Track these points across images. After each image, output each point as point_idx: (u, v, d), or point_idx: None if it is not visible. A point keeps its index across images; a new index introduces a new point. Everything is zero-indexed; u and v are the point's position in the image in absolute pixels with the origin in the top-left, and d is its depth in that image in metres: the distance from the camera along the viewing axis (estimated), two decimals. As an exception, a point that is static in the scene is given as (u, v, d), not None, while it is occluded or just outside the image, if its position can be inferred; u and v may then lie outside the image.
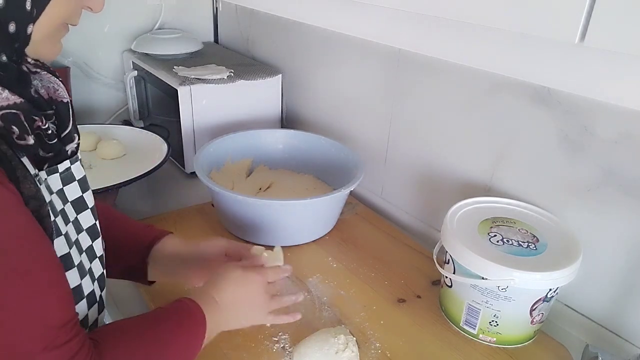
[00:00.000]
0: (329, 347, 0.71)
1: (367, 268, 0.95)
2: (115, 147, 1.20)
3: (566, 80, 0.76)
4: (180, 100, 1.21)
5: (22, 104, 0.49)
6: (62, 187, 0.57)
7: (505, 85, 0.86)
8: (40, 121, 0.51)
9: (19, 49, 0.50)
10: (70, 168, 0.58)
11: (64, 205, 0.57)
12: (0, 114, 0.47)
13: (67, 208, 0.58)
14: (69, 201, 0.58)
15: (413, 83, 1.04)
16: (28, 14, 0.48)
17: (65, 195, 0.58)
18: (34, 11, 0.48)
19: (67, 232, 0.55)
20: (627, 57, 0.65)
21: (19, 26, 0.48)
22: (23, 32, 0.49)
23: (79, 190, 0.60)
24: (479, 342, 0.79)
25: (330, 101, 1.29)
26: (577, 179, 0.80)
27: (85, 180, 0.61)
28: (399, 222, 1.15)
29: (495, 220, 0.82)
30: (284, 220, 0.98)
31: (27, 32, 0.49)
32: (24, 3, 0.47)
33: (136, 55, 1.46)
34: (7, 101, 0.48)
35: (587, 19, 0.50)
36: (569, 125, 0.79)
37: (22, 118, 0.49)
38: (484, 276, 0.73)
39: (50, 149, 0.53)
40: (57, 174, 0.56)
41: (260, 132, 1.22)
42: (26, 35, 0.49)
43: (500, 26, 0.58)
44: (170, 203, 1.16)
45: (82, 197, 0.60)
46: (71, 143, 0.57)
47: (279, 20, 1.39)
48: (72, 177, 0.59)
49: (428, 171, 1.06)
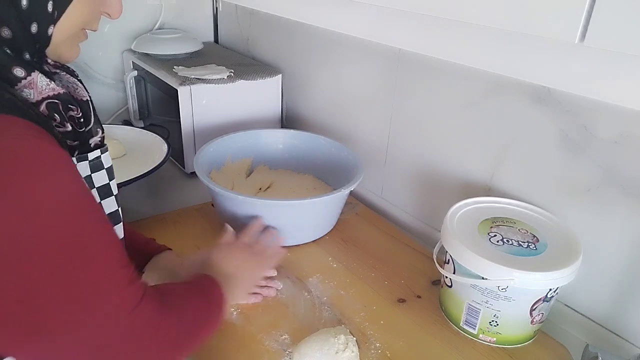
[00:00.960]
0: (329, 347, 0.71)
1: (367, 268, 0.95)
2: (116, 147, 1.20)
3: (566, 80, 0.76)
4: (180, 100, 1.21)
5: (64, 95, 0.54)
6: (90, 174, 0.61)
7: (505, 85, 0.86)
8: (75, 110, 0.56)
9: (40, 49, 0.54)
10: (100, 157, 0.62)
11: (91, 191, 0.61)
12: (46, 103, 0.52)
13: (94, 192, 0.62)
14: (95, 187, 0.62)
15: (413, 83, 1.04)
16: (49, 15, 0.51)
17: (93, 182, 0.62)
18: (55, 13, 0.52)
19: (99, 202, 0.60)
20: (627, 57, 0.65)
21: (40, 27, 0.51)
22: (44, 33, 0.52)
23: (106, 177, 0.64)
24: (479, 342, 0.79)
25: (330, 101, 1.29)
26: (577, 179, 0.80)
27: (112, 170, 0.65)
28: (399, 222, 1.15)
29: (495, 220, 0.82)
30: (284, 220, 0.98)
31: (48, 33, 0.52)
32: (46, 4, 0.50)
33: (136, 55, 1.46)
34: (53, 91, 0.53)
35: (587, 19, 0.50)
36: (569, 125, 0.79)
37: (61, 107, 0.53)
38: (484, 276, 0.73)
39: (77, 138, 0.58)
40: (86, 162, 0.60)
41: (260, 132, 1.22)
42: (47, 37, 0.52)
43: (501, 26, 0.58)
44: (170, 203, 1.16)
45: (108, 184, 0.64)
46: (95, 137, 0.61)
47: (279, 20, 1.39)
48: (101, 165, 0.63)
49: (428, 171, 1.06)
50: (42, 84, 0.52)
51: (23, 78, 0.50)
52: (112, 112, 1.61)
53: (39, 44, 0.53)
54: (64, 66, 0.62)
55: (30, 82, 0.51)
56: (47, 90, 0.52)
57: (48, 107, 0.52)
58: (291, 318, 0.82)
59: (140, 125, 1.47)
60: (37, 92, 0.51)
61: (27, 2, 0.49)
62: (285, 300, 0.86)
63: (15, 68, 0.50)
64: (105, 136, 0.64)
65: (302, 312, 0.83)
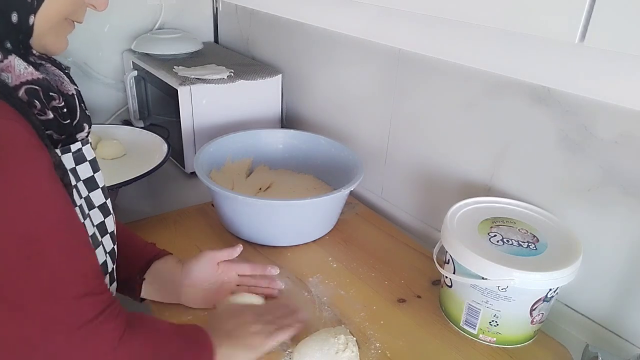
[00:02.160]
0: (329, 347, 0.71)
1: (367, 268, 0.95)
2: (115, 147, 1.20)
3: (566, 80, 0.76)
4: (180, 100, 1.21)
5: (43, 80, 0.53)
6: (75, 167, 0.60)
7: (505, 85, 0.86)
8: (57, 100, 0.54)
9: (23, 40, 0.53)
10: (81, 149, 0.61)
11: (77, 183, 0.60)
12: (25, 88, 0.51)
13: (80, 185, 0.61)
14: (80, 179, 0.61)
15: (413, 83, 1.04)
16: (29, 5, 0.51)
17: (78, 174, 0.61)
18: (35, 2, 0.51)
19: (81, 205, 0.59)
20: (627, 57, 0.65)
21: (20, 16, 0.50)
22: (25, 22, 0.51)
23: (90, 170, 0.63)
24: (479, 342, 0.79)
25: (330, 101, 1.29)
26: (577, 179, 0.80)
27: (95, 162, 0.64)
28: (399, 222, 1.15)
29: (495, 220, 0.82)
30: (284, 220, 0.98)
31: (29, 22, 0.52)
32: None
33: (136, 55, 1.46)
34: (31, 75, 0.51)
35: (587, 19, 0.50)
36: (569, 125, 0.79)
37: (41, 94, 0.52)
38: (484, 276, 0.73)
39: (62, 131, 0.56)
40: (69, 154, 0.59)
41: (260, 132, 1.22)
42: (29, 26, 0.52)
43: (500, 26, 0.58)
44: (170, 203, 1.16)
45: (93, 176, 0.63)
46: (81, 132, 0.60)
47: (279, 20, 1.39)
48: (84, 157, 0.62)
49: (428, 171, 1.06)
50: (19, 67, 0.51)
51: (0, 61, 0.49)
52: (112, 112, 1.61)
53: (21, 34, 0.52)
54: (50, 59, 0.60)
55: (8, 66, 0.50)
56: (25, 74, 0.51)
57: (27, 92, 0.51)
58: (291, 318, 0.82)
59: (140, 125, 1.47)
60: (15, 76, 0.50)
61: None
62: (285, 300, 0.86)
63: None
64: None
65: (302, 312, 0.83)
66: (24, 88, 0.51)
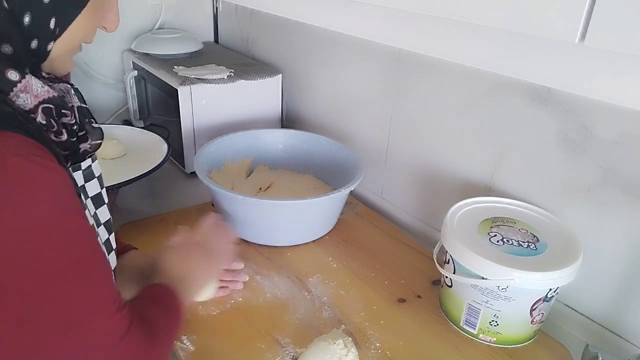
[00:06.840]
0: (332, 355, 0.70)
1: (367, 268, 0.95)
2: (116, 147, 1.20)
3: (566, 80, 0.76)
4: (180, 100, 1.21)
5: (57, 99, 0.52)
6: (84, 184, 0.60)
7: (505, 85, 0.86)
8: (69, 117, 0.54)
9: (36, 63, 0.53)
10: (91, 166, 0.61)
11: (85, 201, 0.60)
12: (42, 108, 0.51)
13: (88, 203, 0.61)
14: (89, 197, 0.62)
15: (413, 83, 1.04)
16: (51, 32, 0.51)
17: (87, 191, 0.61)
18: (57, 30, 0.51)
19: (92, 224, 0.59)
20: (627, 57, 0.65)
21: (40, 43, 0.51)
22: (44, 48, 0.52)
23: (98, 186, 0.63)
24: (479, 342, 0.79)
25: (330, 101, 1.29)
26: (577, 179, 0.80)
27: (101, 178, 0.64)
28: (399, 222, 1.15)
29: (495, 220, 0.82)
30: (284, 220, 0.98)
31: (48, 48, 0.52)
32: (48, 21, 0.50)
33: (136, 55, 1.46)
34: (47, 94, 0.51)
35: (587, 19, 0.50)
36: (569, 125, 0.79)
37: (54, 113, 0.52)
38: (484, 276, 0.73)
39: (68, 147, 0.56)
40: (80, 171, 0.59)
41: (260, 132, 1.22)
42: (46, 52, 0.52)
43: (500, 26, 0.58)
44: (170, 203, 1.16)
45: (100, 193, 0.64)
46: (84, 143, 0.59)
47: (279, 20, 1.39)
48: (93, 174, 0.62)
49: (428, 171, 1.06)
50: (36, 87, 0.51)
51: (18, 82, 0.49)
52: (112, 112, 1.61)
53: (36, 58, 0.52)
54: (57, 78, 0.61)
55: (26, 86, 0.50)
56: (42, 92, 0.51)
57: (44, 112, 0.51)
58: (291, 318, 0.82)
59: (140, 125, 1.47)
60: (33, 96, 0.51)
61: (30, 19, 0.49)
62: (285, 300, 0.86)
63: (9, 71, 0.49)
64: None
65: (302, 312, 0.83)
66: (40, 108, 0.51)
